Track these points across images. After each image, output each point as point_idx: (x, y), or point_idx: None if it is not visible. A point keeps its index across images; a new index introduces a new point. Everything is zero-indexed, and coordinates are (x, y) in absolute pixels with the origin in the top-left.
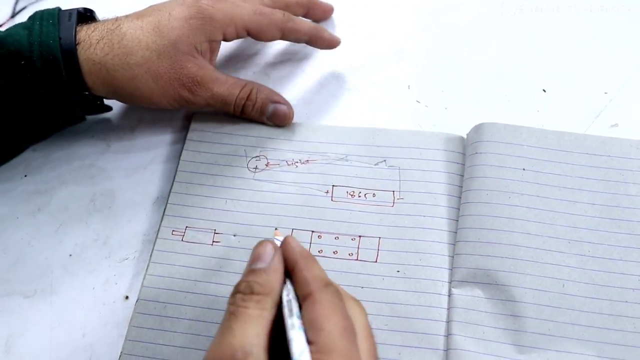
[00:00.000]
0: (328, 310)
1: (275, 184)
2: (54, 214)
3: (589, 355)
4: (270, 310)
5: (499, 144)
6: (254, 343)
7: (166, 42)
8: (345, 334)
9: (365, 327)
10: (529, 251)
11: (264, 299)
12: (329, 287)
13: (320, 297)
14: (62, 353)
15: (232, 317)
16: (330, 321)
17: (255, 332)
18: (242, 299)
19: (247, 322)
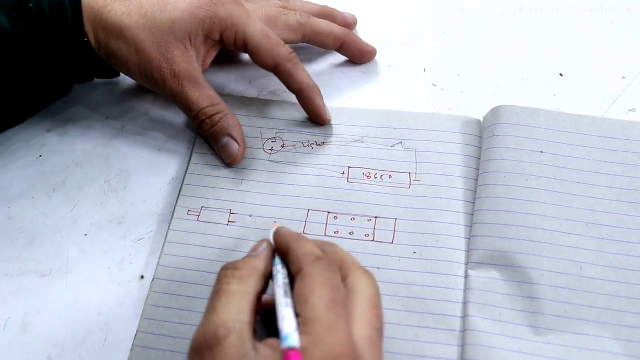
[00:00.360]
0: (316, 283)
1: (291, 165)
2: (69, 194)
3: (606, 338)
4: (254, 286)
5: (517, 126)
6: (236, 319)
7: (165, 18)
8: (331, 305)
9: (370, 298)
10: (546, 233)
11: (246, 276)
12: (319, 261)
13: (309, 272)
14: (78, 331)
15: (215, 296)
16: (316, 294)
17: (237, 308)
18: (225, 277)
19: (230, 299)
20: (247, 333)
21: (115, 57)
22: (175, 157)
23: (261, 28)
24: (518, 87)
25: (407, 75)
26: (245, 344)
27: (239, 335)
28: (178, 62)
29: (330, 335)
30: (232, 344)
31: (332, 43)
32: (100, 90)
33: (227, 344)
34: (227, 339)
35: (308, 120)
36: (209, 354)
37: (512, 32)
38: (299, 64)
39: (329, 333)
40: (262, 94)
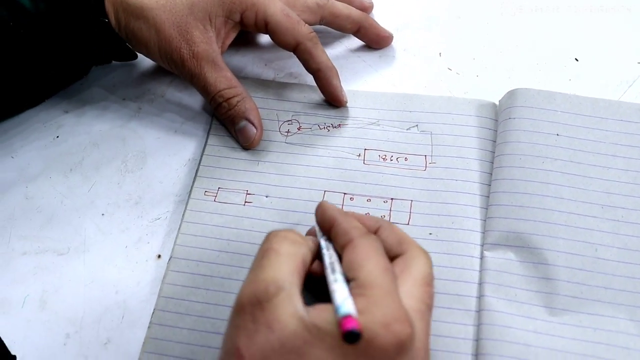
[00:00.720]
0: (369, 252)
1: (307, 147)
2: (86, 174)
3: (621, 319)
4: (303, 254)
5: (533, 109)
6: (286, 279)
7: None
8: (386, 272)
9: (424, 275)
10: (562, 215)
11: (297, 242)
12: (369, 235)
13: (360, 242)
14: (95, 309)
15: (265, 254)
16: (371, 260)
17: (288, 268)
18: (276, 238)
19: (280, 259)
20: (297, 294)
21: (136, 38)
22: (192, 138)
23: (281, 7)
24: (533, 72)
25: (422, 59)
26: (296, 303)
27: (288, 293)
28: (197, 42)
29: (388, 298)
30: (283, 301)
31: (349, 26)
32: (117, 72)
33: (277, 300)
34: (277, 295)
35: (324, 103)
36: (258, 308)
37: (527, 16)
38: (318, 44)
39: (387, 296)
40: (279, 76)
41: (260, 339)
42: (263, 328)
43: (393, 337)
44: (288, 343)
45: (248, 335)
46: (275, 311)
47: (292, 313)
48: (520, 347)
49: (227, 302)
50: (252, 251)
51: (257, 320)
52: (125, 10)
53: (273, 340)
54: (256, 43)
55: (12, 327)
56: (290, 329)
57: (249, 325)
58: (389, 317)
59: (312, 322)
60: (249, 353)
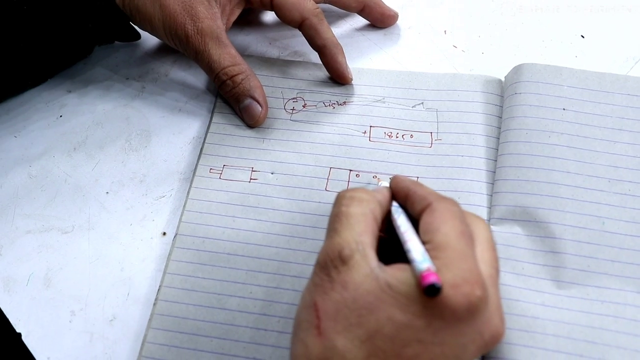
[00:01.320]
0: (445, 215)
1: (313, 124)
2: (90, 153)
3: (629, 292)
4: (373, 211)
5: (539, 84)
6: (359, 240)
7: None
8: (462, 236)
9: (488, 239)
10: (568, 189)
11: (366, 200)
12: (447, 199)
13: (438, 206)
14: (101, 286)
15: (336, 218)
16: (448, 224)
17: (359, 229)
18: (344, 199)
19: (350, 220)
20: (371, 254)
21: (140, 14)
22: (196, 117)
23: None
24: (539, 49)
25: (427, 37)
26: (370, 262)
27: (362, 255)
28: (202, 18)
29: (462, 261)
30: (357, 263)
31: (354, 5)
32: (120, 52)
33: (352, 263)
34: (351, 258)
35: (329, 80)
36: (334, 270)
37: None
38: (324, 21)
39: (460, 259)
40: (283, 54)
41: (335, 296)
42: (338, 286)
43: (463, 298)
44: (361, 300)
45: (325, 291)
46: (349, 272)
47: (367, 273)
48: (528, 319)
49: (233, 278)
50: (258, 228)
51: (334, 280)
52: None
53: (347, 297)
54: (260, 22)
55: (17, 305)
56: (364, 287)
57: (326, 283)
58: (459, 279)
59: (385, 281)
60: (323, 307)
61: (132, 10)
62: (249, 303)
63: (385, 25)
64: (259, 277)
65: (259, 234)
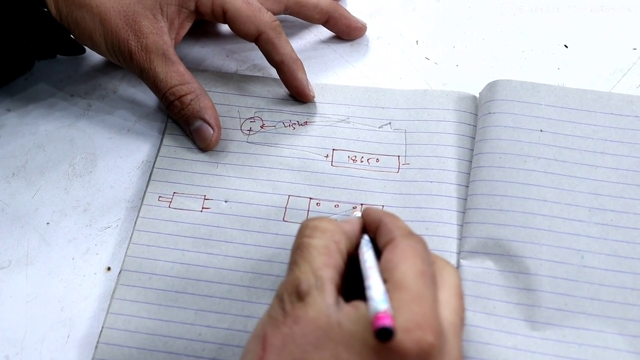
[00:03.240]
0: (407, 253)
1: (271, 147)
2: (29, 179)
3: (609, 333)
4: (338, 242)
5: (515, 102)
6: (318, 275)
7: None
8: (420, 277)
9: (455, 286)
10: (545, 220)
11: (330, 231)
12: (413, 235)
13: (402, 241)
14: (39, 327)
15: (297, 250)
16: (407, 262)
17: (320, 262)
18: (307, 229)
19: (313, 253)
20: (330, 289)
21: (79, 28)
22: (146, 138)
23: None
24: (518, 60)
25: (398, 48)
26: (327, 299)
27: (320, 290)
28: (146, 33)
29: (415, 303)
30: (313, 299)
31: (317, 16)
32: (65, 66)
33: (308, 299)
34: (308, 295)
35: (290, 99)
36: (290, 306)
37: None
38: (282, 34)
39: (414, 301)
40: (241, 68)
41: (285, 330)
42: (290, 321)
43: (413, 344)
44: (309, 335)
45: (277, 324)
46: (304, 308)
47: (321, 309)
48: None
49: (181, 318)
50: (209, 262)
51: (287, 314)
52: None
53: (296, 331)
54: (217, 32)
55: None
56: (316, 324)
57: (279, 317)
58: (411, 323)
59: (337, 319)
60: (271, 340)
61: (70, 24)
62: (197, 346)
63: (352, 37)
64: (209, 317)
65: (210, 269)
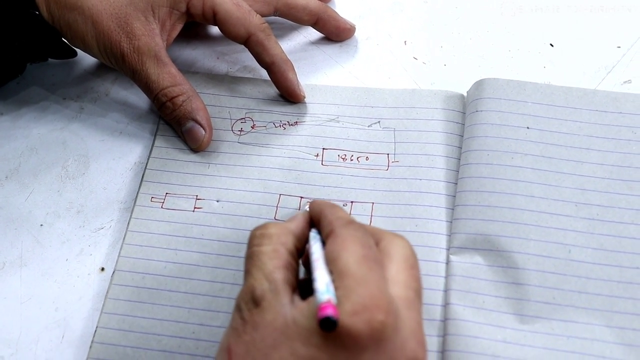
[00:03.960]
0: (347, 241)
1: (262, 147)
2: (23, 181)
3: (597, 325)
4: (285, 244)
5: (501, 100)
6: (271, 278)
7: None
8: (363, 261)
9: (405, 259)
10: (532, 215)
11: (276, 235)
12: (351, 223)
13: (341, 231)
14: (33, 328)
15: (248, 260)
16: (347, 250)
17: (271, 266)
18: (255, 238)
19: (262, 259)
20: (284, 290)
21: (72, 30)
22: (138, 140)
23: None
24: (505, 59)
25: (386, 48)
26: (281, 300)
27: (274, 293)
28: (138, 35)
29: (360, 287)
30: (269, 302)
31: (306, 18)
32: (57, 70)
33: (264, 303)
34: (263, 299)
35: (280, 99)
36: (248, 314)
37: (498, 1)
38: (271, 36)
39: (359, 285)
40: (232, 70)
41: (246, 338)
42: (249, 328)
43: (363, 325)
44: (268, 338)
45: (238, 334)
46: (261, 313)
47: (277, 311)
48: (488, 358)
49: (175, 317)
50: (201, 261)
51: (246, 322)
52: (58, 2)
53: (256, 337)
54: (208, 34)
55: None
56: (273, 326)
57: (239, 326)
58: (358, 306)
59: (292, 316)
60: (235, 350)
61: (62, 26)
62: (191, 344)
63: (341, 39)
64: (203, 315)
65: (202, 268)
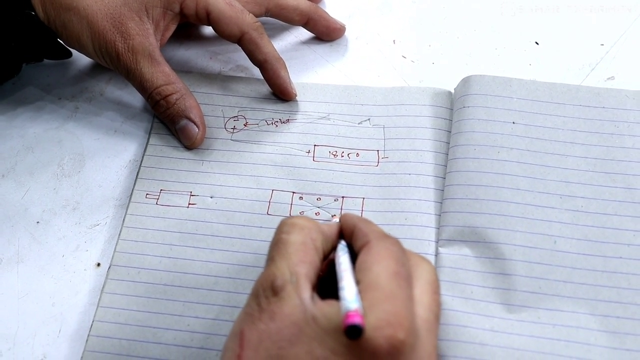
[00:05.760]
0: (381, 254)
1: (254, 144)
2: (19, 180)
3: (582, 313)
4: (314, 240)
5: (488, 96)
6: (293, 270)
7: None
8: (394, 277)
9: (430, 282)
10: (518, 207)
11: (307, 228)
12: (388, 237)
13: (376, 244)
14: (30, 323)
15: (274, 247)
16: (381, 263)
17: (297, 258)
18: (285, 226)
19: (289, 249)
20: (305, 284)
21: (67, 31)
22: (133, 138)
23: None
24: (492, 57)
25: (375, 47)
26: (302, 294)
27: (294, 285)
28: (133, 35)
29: (387, 302)
30: (288, 294)
31: (297, 18)
32: (52, 70)
33: (283, 294)
34: (283, 289)
35: (272, 97)
36: (265, 301)
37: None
38: (264, 35)
39: (386, 300)
40: (225, 69)
41: (261, 326)
42: (266, 317)
43: (384, 341)
44: (285, 331)
45: (253, 321)
46: (279, 303)
47: (296, 305)
48: (476, 346)
49: (170, 310)
50: (196, 256)
51: (263, 310)
52: (54, 2)
53: (272, 327)
54: (201, 35)
55: None
56: (291, 319)
57: (255, 313)
58: (382, 321)
59: (312, 314)
60: (248, 337)
61: (58, 27)
62: (186, 336)
63: (331, 38)
64: (197, 308)
65: (197, 262)
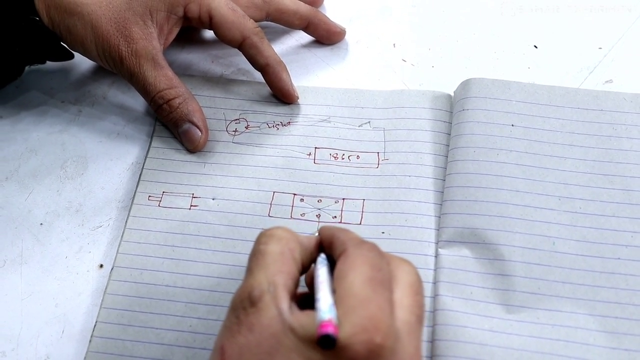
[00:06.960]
0: (356, 262)
1: (256, 147)
2: (23, 182)
3: (580, 314)
4: (292, 250)
5: (487, 99)
6: (271, 280)
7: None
8: (369, 282)
9: (410, 284)
10: (517, 209)
11: (285, 239)
12: (364, 244)
13: (353, 252)
14: (34, 324)
15: (252, 257)
16: (356, 271)
17: (275, 269)
18: (263, 237)
19: (266, 261)
20: (283, 295)
21: (71, 35)
22: (135, 141)
23: (226, 1)
24: (491, 60)
25: (376, 51)
26: (280, 304)
27: (272, 296)
28: (136, 39)
29: (361, 308)
30: (266, 305)
31: (297, 22)
32: (55, 74)
33: (260, 305)
34: (260, 300)
35: (273, 100)
36: (243, 312)
37: (484, 3)
38: (265, 39)
39: (361, 306)
40: (226, 72)
41: (241, 339)
42: (244, 329)
43: (361, 347)
44: (264, 343)
45: (232, 334)
46: (256, 314)
47: (273, 316)
48: (476, 346)
49: (172, 311)
50: (198, 257)
51: (241, 322)
52: (58, 7)
53: (251, 340)
54: (202, 39)
55: None
56: (269, 331)
57: (234, 326)
58: (358, 327)
59: (290, 324)
60: (229, 351)
61: (62, 31)
62: (189, 337)
63: (332, 42)
64: (199, 309)
65: (199, 263)
